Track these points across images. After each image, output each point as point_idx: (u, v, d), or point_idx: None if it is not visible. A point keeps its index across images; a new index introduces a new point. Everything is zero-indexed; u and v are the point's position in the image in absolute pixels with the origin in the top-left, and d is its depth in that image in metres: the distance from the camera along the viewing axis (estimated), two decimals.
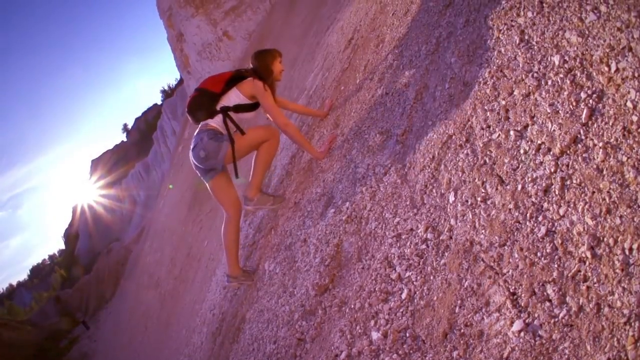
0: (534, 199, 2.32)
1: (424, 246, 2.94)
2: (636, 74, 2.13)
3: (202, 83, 5.31)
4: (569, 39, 2.59)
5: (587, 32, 2.49)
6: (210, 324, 6.58)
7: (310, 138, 6.04)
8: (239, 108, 5.18)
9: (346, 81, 6.01)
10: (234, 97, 5.16)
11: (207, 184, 5.40)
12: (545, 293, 2.07)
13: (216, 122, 5.13)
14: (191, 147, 5.20)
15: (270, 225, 5.75)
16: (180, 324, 10.80)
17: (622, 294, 1.81)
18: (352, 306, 3.26)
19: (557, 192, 2.21)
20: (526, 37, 2.93)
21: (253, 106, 5.27)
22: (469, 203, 2.72)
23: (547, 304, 2.04)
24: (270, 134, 5.30)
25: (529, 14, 2.99)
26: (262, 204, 5.54)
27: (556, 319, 1.98)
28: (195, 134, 5.22)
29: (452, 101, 3.37)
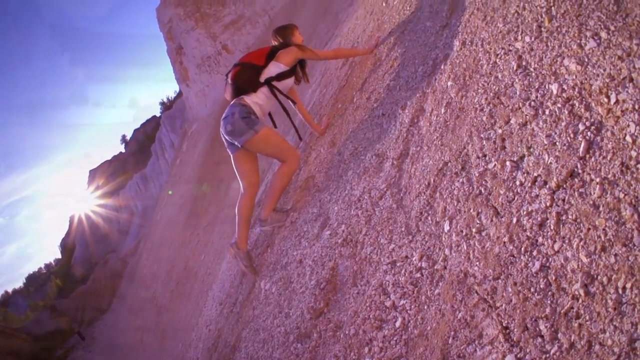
0: (528, 233, 2.29)
1: (418, 275, 2.92)
2: (636, 107, 2.07)
3: (243, 58, 5.65)
4: (567, 67, 2.52)
5: (586, 60, 2.43)
6: (206, 340, 6.55)
7: (307, 156, 6.03)
8: (281, 76, 5.49)
9: (343, 99, 6.01)
10: (274, 68, 5.46)
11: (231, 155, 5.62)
12: (537, 328, 2.06)
13: (253, 98, 5.34)
14: (223, 115, 5.40)
15: (266, 243, 5.73)
16: (176, 338, 10.76)
17: (613, 333, 1.80)
18: (347, 332, 3.24)
19: (552, 227, 2.19)
20: (524, 63, 2.88)
21: (292, 71, 5.61)
22: (464, 233, 2.71)
23: (539, 339, 2.03)
24: (292, 155, 5.48)
25: (527, 39, 2.95)
26: (277, 222, 5.59)
27: (547, 355, 1.96)
28: (230, 104, 5.41)
29: (447, 127, 3.35)
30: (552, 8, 2.82)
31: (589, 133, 2.24)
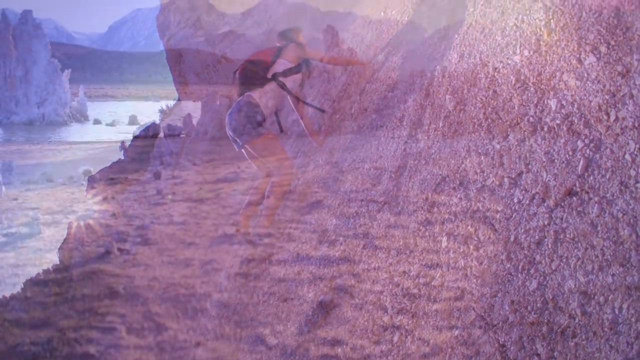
0: (526, 251, 2.27)
1: (416, 290, 2.90)
2: (636, 124, 2.03)
3: (251, 56, 5.79)
4: (566, 82, 2.46)
5: (585, 75, 2.37)
6: (204, 353, 6.50)
7: (305, 166, 6.01)
8: (287, 72, 5.53)
9: (342, 110, 5.99)
10: (281, 65, 5.51)
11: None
12: (534, 347, 2.04)
13: (260, 94, 5.39)
14: (229, 111, 5.52)
15: (264, 255, 5.70)
16: (174, 349, 10.68)
17: (609, 352, 1.79)
18: (345, 346, 3.22)
19: (550, 246, 2.17)
20: (522, 78, 2.83)
21: (299, 67, 5.66)
22: (462, 250, 2.69)
23: (536, 358, 2.02)
24: (288, 167, 5.52)
25: (525, 53, 2.89)
26: (274, 236, 5.58)
27: None
28: (238, 100, 5.49)
29: (445, 141, 3.32)
30: (551, 21, 2.76)
31: (587, 150, 2.19)
